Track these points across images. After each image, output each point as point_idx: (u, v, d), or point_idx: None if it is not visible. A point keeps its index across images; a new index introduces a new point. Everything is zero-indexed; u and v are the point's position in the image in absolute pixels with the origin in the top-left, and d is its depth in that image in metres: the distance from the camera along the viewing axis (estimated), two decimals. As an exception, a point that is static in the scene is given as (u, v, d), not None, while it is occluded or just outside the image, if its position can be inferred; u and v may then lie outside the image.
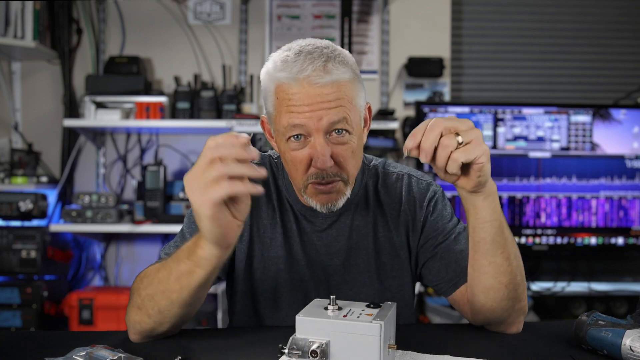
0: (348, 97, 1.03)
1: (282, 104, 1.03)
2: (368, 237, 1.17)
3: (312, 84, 1.00)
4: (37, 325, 2.61)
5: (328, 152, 1.02)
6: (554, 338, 1.04)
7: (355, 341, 0.81)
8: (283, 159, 1.10)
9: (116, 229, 2.72)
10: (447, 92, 3.09)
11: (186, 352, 0.94)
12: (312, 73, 1.00)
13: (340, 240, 1.17)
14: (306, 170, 1.05)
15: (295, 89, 1.01)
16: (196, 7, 3.08)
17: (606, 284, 3.02)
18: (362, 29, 3.09)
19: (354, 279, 1.16)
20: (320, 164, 1.01)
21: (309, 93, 1.00)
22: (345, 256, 1.16)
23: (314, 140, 1.02)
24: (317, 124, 1.01)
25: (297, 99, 1.01)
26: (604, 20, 3.23)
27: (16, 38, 2.74)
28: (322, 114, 1.00)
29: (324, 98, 1.00)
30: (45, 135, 3.03)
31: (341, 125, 1.02)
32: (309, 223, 1.17)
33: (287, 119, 1.02)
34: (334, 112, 1.01)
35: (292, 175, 1.09)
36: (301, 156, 1.04)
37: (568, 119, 2.86)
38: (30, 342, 1.02)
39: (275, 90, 1.04)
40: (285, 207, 1.18)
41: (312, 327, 0.83)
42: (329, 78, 1.01)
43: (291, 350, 0.81)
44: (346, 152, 1.05)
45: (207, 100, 2.84)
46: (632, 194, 2.86)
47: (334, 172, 1.05)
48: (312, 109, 1.00)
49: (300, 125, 1.01)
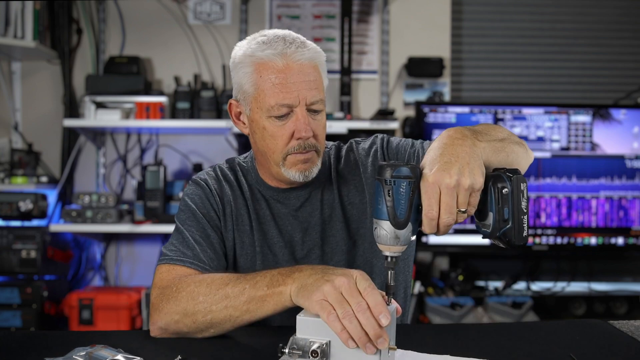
0: (321, 81, 1.16)
1: (265, 82, 1.11)
2: (337, 208, 1.23)
3: (295, 61, 1.10)
4: (37, 325, 2.61)
5: (309, 122, 1.12)
6: (554, 338, 1.04)
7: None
8: (260, 135, 1.16)
9: (116, 229, 2.72)
10: (447, 92, 3.09)
11: (186, 352, 0.94)
12: (295, 50, 1.11)
13: (315, 215, 1.22)
14: (287, 143, 1.13)
15: (281, 66, 1.10)
16: (196, 7, 3.08)
17: (606, 284, 3.02)
18: (362, 29, 3.09)
19: (332, 250, 1.22)
20: (305, 133, 1.11)
21: (293, 69, 1.10)
22: (321, 229, 1.22)
23: (297, 113, 1.12)
24: (302, 100, 1.11)
25: (283, 76, 1.10)
26: (604, 20, 3.23)
27: (16, 38, 2.74)
28: (305, 92, 1.11)
29: (306, 76, 1.11)
30: (45, 135, 3.03)
31: (318, 104, 1.14)
32: (282, 205, 1.23)
33: (274, 98, 1.10)
34: (315, 92, 1.12)
35: (271, 149, 1.15)
36: (283, 130, 1.13)
37: (568, 119, 2.86)
38: (30, 342, 1.02)
39: (257, 69, 1.12)
40: (256, 197, 1.24)
41: (312, 327, 0.83)
42: (310, 55, 1.12)
43: (291, 350, 0.82)
44: (321, 126, 1.17)
45: (207, 100, 2.84)
46: (632, 194, 2.86)
47: (312, 144, 1.14)
48: (298, 87, 1.10)
49: (287, 105, 1.11)
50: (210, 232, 1.18)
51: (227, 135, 2.93)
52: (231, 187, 1.24)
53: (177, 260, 1.12)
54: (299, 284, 0.90)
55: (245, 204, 1.23)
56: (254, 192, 1.24)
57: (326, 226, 1.22)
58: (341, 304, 0.82)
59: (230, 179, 1.25)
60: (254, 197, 1.24)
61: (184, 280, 1.05)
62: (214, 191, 1.22)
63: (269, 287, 0.94)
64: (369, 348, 0.81)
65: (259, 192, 1.24)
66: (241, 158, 1.31)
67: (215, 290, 0.99)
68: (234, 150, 2.93)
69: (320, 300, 0.84)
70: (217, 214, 1.21)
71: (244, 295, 0.96)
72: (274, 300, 0.94)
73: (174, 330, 1.02)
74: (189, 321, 1.00)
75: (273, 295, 0.94)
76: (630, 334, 1.07)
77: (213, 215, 1.20)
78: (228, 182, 1.25)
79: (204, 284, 1.01)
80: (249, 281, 0.98)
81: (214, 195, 1.22)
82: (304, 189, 1.22)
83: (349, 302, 0.83)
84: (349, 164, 1.26)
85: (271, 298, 0.94)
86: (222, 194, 1.23)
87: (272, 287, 0.94)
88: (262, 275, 0.97)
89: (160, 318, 1.03)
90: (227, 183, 1.24)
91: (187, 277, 1.06)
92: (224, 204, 1.22)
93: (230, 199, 1.23)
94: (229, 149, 2.98)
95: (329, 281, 0.85)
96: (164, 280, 1.09)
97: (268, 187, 1.23)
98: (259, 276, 0.97)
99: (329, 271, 0.90)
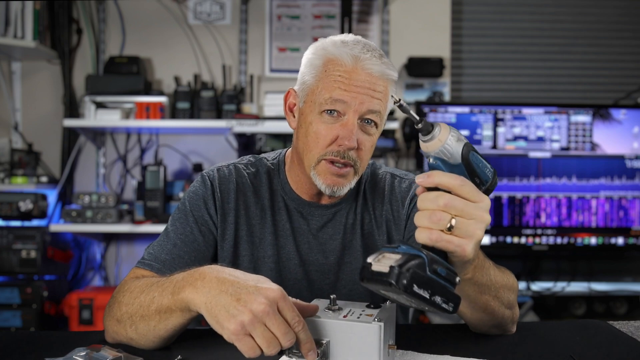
0: (387, 97, 1.09)
1: (329, 76, 1.07)
2: (357, 235, 1.19)
3: (365, 68, 1.06)
4: (37, 325, 2.61)
5: (357, 132, 1.06)
6: (554, 338, 1.04)
7: (356, 341, 0.81)
8: (304, 131, 1.10)
9: (116, 229, 2.71)
10: (447, 92, 3.09)
11: (186, 352, 0.94)
12: (370, 58, 1.06)
13: (336, 238, 1.18)
14: (327, 146, 1.07)
15: (350, 67, 1.06)
16: (196, 7, 3.08)
17: (606, 284, 3.02)
18: (362, 29, 3.09)
19: (347, 278, 1.17)
20: (348, 141, 1.05)
21: (361, 75, 1.05)
22: (340, 254, 1.17)
23: (347, 119, 1.06)
24: (358, 106, 1.05)
25: (348, 77, 1.05)
26: (604, 20, 3.23)
27: (16, 38, 2.74)
28: (365, 99, 1.05)
29: (372, 86, 1.06)
30: (45, 135, 3.03)
31: (374, 116, 1.08)
32: (304, 221, 1.18)
33: (331, 91, 1.06)
34: (376, 102, 1.06)
35: (309, 148, 1.09)
36: (328, 131, 1.07)
37: (568, 119, 2.86)
38: (30, 342, 1.02)
39: (325, 63, 1.08)
40: (279, 206, 1.18)
41: (312, 327, 0.83)
42: (382, 68, 1.07)
43: (291, 350, 0.82)
44: (368, 142, 1.09)
45: (207, 100, 2.84)
46: (632, 194, 2.86)
47: (353, 157, 1.08)
48: (359, 91, 1.05)
49: (342, 101, 1.05)
50: (198, 236, 1.14)
51: (227, 135, 2.93)
52: (245, 191, 1.17)
53: (147, 265, 1.09)
54: (205, 300, 0.81)
55: (261, 214, 1.17)
56: (276, 199, 1.18)
57: (345, 252, 1.18)
58: (263, 335, 0.77)
59: (246, 182, 1.18)
60: (275, 206, 1.18)
61: (121, 289, 1.00)
62: (217, 192, 1.16)
63: (173, 295, 0.87)
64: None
65: (282, 201, 1.18)
66: (269, 158, 1.24)
67: (133, 299, 0.94)
68: (234, 150, 2.93)
69: (237, 332, 0.77)
70: (213, 219, 1.15)
71: (154, 304, 0.90)
72: (179, 308, 0.87)
73: (117, 339, 0.97)
74: (122, 332, 0.95)
75: (176, 303, 0.86)
76: (630, 334, 1.07)
77: (207, 220, 1.15)
78: (242, 185, 1.18)
79: (127, 293, 0.97)
80: (158, 288, 0.91)
81: (216, 197, 1.16)
82: (330, 209, 1.17)
83: (271, 330, 0.77)
84: (377, 193, 1.21)
85: (176, 307, 0.87)
86: (228, 197, 1.16)
87: (175, 295, 0.86)
88: (170, 280, 0.90)
89: (106, 327, 0.99)
90: (241, 185, 1.18)
91: (125, 284, 1.01)
92: (227, 210, 1.16)
93: (242, 204, 1.16)
94: (229, 149, 2.98)
95: (246, 307, 0.77)
96: (118, 286, 1.04)
97: (294, 196, 1.17)
98: (168, 282, 0.90)
99: (241, 289, 0.80)
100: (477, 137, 2.84)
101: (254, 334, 0.77)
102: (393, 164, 3.04)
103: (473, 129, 2.85)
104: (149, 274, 1.08)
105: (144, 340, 0.94)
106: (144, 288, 0.94)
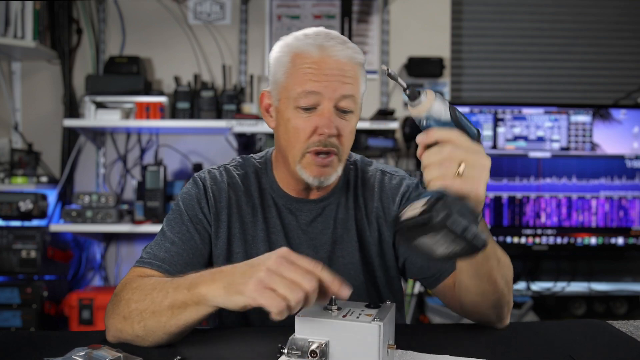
0: (358, 79, 1.11)
1: (298, 70, 1.08)
2: (351, 230, 1.20)
3: (332, 56, 1.07)
4: (37, 325, 2.61)
5: (334, 119, 1.08)
6: (554, 338, 1.04)
7: (355, 341, 0.81)
8: (284, 128, 1.13)
9: (116, 229, 2.71)
10: (447, 92, 3.09)
11: (186, 352, 0.94)
12: (335, 45, 1.08)
13: (325, 233, 1.19)
14: (308, 138, 1.09)
15: (317, 57, 1.07)
16: (196, 7, 3.08)
17: (606, 284, 3.02)
18: (362, 29, 3.09)
19: (340, 272, 1.16)
20: (328, 129, 1.07)
21: (328, 63, 1.07)
22: (330, 248, 1.19)
23: (323, 108, 1.08)
24: (331, 93, 1.07)
25: (317, 67, 1.07)
26: (604, 20, 3.23)
27: (16, 38, 2.74)
28: (337, 86, 1.07)
29: (341, 72, 1.07)
30: (45, 135, 3.03)
31: (349, 102, 1.09)
32: (293, 216, 1.19)
33: (302, 84, 1.07)
34: (348, 87, 1.08)
35: (292, 144, 1.11)
36: (306, 123, 1.09)
37: (568, 119, 2.86)
38: (30, 342, 1.02)
39: (292, 58, 1.10)
40: (268, 204, 1.20)
41: (311, 327, 0.83)
42: (348, 53, 1.08)
43: (290, 350, 0.81)
44: (347, 128, 1.11)
45: (207, 100, 2.84)
46: (632, 194, 2.86)
47: (334, 143, 1.10)
48: (330, 79, 1.07)
49: (315, 92, 1.07)
50: (195, 234, 1.15)
51: (227, 135, 2.93)
52: (236, 191, 1.20)
53: (147, 263, 1.09)
54: (223, 284, 0.86)
55: (252, 212, 1.19)
56: (265, 197, 1.20)
57: (336, 246, 1.19)
58: (283, 283, 0.80)
59: (237, 182, 1.21)
60: (265, 204, 1.20)
61: (126, 287, 1.01)
62: (209, 193, 1.18)
63: (189, 290, 0.90)
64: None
65: (271, 199, 1.20)
66: (257, 157, 1.27)
67: (144, 296, 0.96)
68: (234, 150, 2.93)
69: (257, 287, 0.81)
70: (207, 218, 1.17)
71: (167, 299, 0.92)
72: (194, 302, 0.90)
73: (121, 338, 0.97)
74: (129, 329, 0.96)
75: (193, 297, 0.89)
76: (630, 334, 1.07)
77: (202, 218, 1.17)
78: (233, 185, 1.20)
79: (137, 291, 0.98)
80: (172, 284, 0.94)
81: (208, 197, 1.18)
82: (318, 203, 1.19)
83: (289, 279, 0.80)
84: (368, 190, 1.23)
85: (191, 300, 0.90)
86: (220, 197, 1.18)
87: (192, 289, 0.90)
88: (185, 277, 0.93)
89: (109, 325, 0.99)
90: (232, 186, 1.20)
91: (129, 282, 1.02)
92: (219, 209, 1.18)
93: (234, 203, 1.18)
94: (229, 149, 2.98)
95: (260, 266, 0.82)
96: (119, 285, 1.04)
97: (282, 194, 1.19)
98: (183, 279, 0.93)
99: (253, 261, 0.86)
100: (477, 137, 2.84)
101: (274, 285, 0.80)
102: (393, 164, 3.04)
103: (473, 129, 2.84)
104: (151, 271, 1.08)
105: (152, 337, 0.94)
106: (156, 285, 0.96)
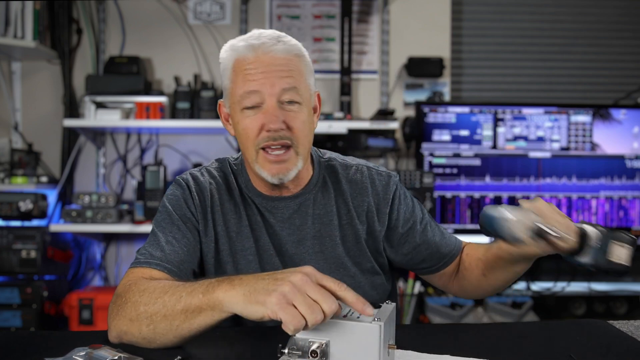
0: (299, 71, 1.12)
1: (238, 74, 1.11)
2: (332, 225, 1.21)
3: (265, 53, 1.09)
4: (37, 325, 2.61)
5: (279, 114, 1.09)
6: (554, 338, 1.04)
7: (355, 341, 0.81)
8: (238, 132, 1.15)
9: (116, 229, 2.71)
10: (447, 92, 3.09)
11: (186, 352, 0.94)
12: (267, 41, 1.10)
13: (304, 229, 1.20)
14: (257, 136, 1.11)
15: (252, 58, 1.10)
16: (196, 7, 3.08)
17: (606, 284, 3.02)
18: (362, 29, 3.09)
19: (322, 267, 1.18)
20: (273, 124, 1.08)
21: (264, 61, 1.09)
22: (311, 244, 1.20)
23: (266, 104, 1.10)
24: (270, 89, 1.09)
25: (254, 67, 1.09)
26: (604, 20, 3.23)
27: (16, 38, 2.74)
28: (274, 81, 1.09)
29: (277, 67, 1.09)
30: (45, 135, 3.03)
31: (292, 94, 1.10)
32: (271, 214, 1.20)
33: (242, 87, 1.10)
34: (287, 80, 1.10)
35: (245, 145, 1.13)
36: (253, 122, 1.11)
37: (568, 119, 2.86)
38: (30, 342, 1.02)
39: (233, 65, 1.13)
40: (248, 202, 1.21)
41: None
42: (282, 47, 1.10)
43: (291, 351, 0.81)
44: (296, 118, 1.11)
45: (207, 100, 2.84)
46: (632, 194, 2.86)
47: (285, 135, 1.10)
48: (266, 75, 1.09)
49: (254, 91, 1.09)
50: (186, 232, 1.15)
51: (227, 135, 2.93)
52: (219, 189, 1.21)
53: (145, 263, 1.09)
54: (243, 292, 0.84)
55: (235, 209, 1.20)
56: (244, 196, 1.22)
57: (316, 241, 1.20)
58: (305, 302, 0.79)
59: (219, 182, 1.22)
60: (245, 202, 1.21)
61: (131, 288, 0.99)
62: (194, 193, 1.19)
63: (204, 294, 0.89)
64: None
65: (249, 198, 1.21)
66: (232, 159, 1.28)
67: (155, 299, 0.94)
68: (234, 150, 2.93)
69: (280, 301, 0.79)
70: (195, 217, 1.18)
71: (180, 303, 0.91)
72: (210, 307, 0.88)
73: (125, 339, 0.97)
74: (136, 331, 0.95)
75: (209, 302, 0.88)
76: (630, 334, 1.07)
77: (190, 217, 1.17)
78: (215, 185, 1.21)
79: (146, 293, 0.96)
80: (186, 289, 0.92)
81: (194, 197, 1.19)
82: (293, 200, 1.20)
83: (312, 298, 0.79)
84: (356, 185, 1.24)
85: (207, 305, 0.89)
86: (203, 197, 1.19)
87: (208, 294, 0.89)
88: (200, 283, 0.92)
89: (113, 326, 0.98)
90: (214, 185, 1.21)
91: (135, 284, 1.00)
92: (204, 208, 1.19)
93: (217, 202, 1.19)
94: (229, 149, 2.98)
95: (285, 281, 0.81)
96: (121, 286, 1.04)
97: (257, 193, 1.20)
98: (197, 284, 0.92)
99: (277, 273, 0.85)
100: (477, 137, 2.85)
101: (296, 302, 0.79)
102: (393, 164, 3.04)
103: (473, 129, 2.85)
104: (152, 271, 1.08)
105: (162, 339, 0.94)
106: (168, 289, 0.95)
